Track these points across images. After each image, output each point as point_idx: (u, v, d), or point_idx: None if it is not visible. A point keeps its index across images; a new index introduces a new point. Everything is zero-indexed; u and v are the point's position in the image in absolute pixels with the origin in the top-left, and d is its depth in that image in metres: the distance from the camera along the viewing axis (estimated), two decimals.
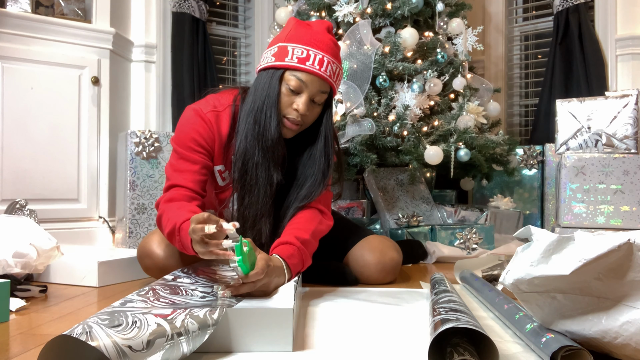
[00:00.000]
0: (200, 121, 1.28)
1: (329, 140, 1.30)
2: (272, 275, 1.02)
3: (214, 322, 0.78)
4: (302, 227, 1.24)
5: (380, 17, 2.36)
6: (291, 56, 1.22)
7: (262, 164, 1.24)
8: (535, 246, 0.77)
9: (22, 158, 2.32)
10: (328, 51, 1.24)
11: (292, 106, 1.23)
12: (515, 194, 2.76)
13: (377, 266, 1.42)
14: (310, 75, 1.21)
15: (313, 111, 1.26)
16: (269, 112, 1.23)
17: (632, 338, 0.70)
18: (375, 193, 2.33)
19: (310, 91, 1.22)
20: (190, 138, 1.28)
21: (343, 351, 0.81)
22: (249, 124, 1.25)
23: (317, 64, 1.22)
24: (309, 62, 1.21)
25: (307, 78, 1.21)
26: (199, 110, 1.29)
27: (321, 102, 1.26)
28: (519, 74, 3.37)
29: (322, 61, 1.22)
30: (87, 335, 0.66)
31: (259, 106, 1.24)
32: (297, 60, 1.21)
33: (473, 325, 0.71)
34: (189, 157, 1.27)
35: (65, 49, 2.47)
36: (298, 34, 1.24)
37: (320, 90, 1.23)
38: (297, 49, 1.22)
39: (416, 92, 2.21)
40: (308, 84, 1.21)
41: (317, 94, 1.24)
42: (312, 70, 1.21)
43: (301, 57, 1.21)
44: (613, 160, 1.85)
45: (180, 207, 1.18)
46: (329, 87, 1.26)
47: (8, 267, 1.24)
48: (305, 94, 1.22)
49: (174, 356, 0.71)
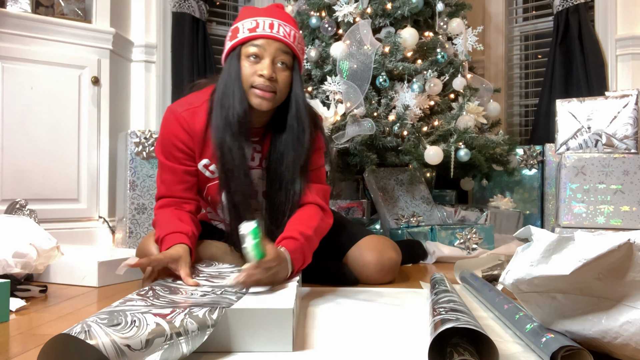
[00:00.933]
0: (175, 124, 1.31)
1: (300, 104, 1.30)
2: (281, 264, 1.05)
3: (214, 322, 0.78)
4: (305, 223, 1.25)
5: (380, 17, 2.36)
6: (242, 31, 1.26)
7: (234, 144, 1.26)
8: (535, 246, 0.77)
9: (22, 158, 2.32)
10: (277, 16, 1.28)
11: (257, 73, 1.24)
12: (515, 194, 2.76)
13: (376, 266, 1.42)
14: (264, 39, 1.24)
15: (281, 75, 1.26)
16: (232, 90, 1.26)
17: (632, 338, 0.70)
18: (375, 193, 2.33)
19: (270, 53, 1.24)
20: (169, 144, 1.32)
21: (343, 351, 0.81)
22: (217, 112, 1.28)
23: (268, 28, 1.25)
24: (260, 29, 1.25)
25: (262, 42, 1.24)
26: (174, 111, 1.33)
27: (286, 63, 1.27)
28: (519, 74, 3.37)
29: (272, 25, 1.26)
30: (85, 334, 0.66)
31: (222, 90, 1.27)
32: (248, 31, 1.25)
33: (473, 325, 0.71)
34: (170, 166, 1.32)
35: (65, 49, 2.47)
36: (245, 13, 1.30)
37: (279, 50, 1.25)
38: (246, 23, 1.27)
39: (416, 92, 2.21)
40: (265, 47, 1.24)
41: (278, 55, 1.25)
42: (263, 34, 1.24)
43: (251, 27, 1.25)
44: (613, 160, 1.85)
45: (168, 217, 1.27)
46: (289, 49, 1.27)
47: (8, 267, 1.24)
48: (266, 58, 1.24)
49: (173, 356, 0.71)
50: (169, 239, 1.20)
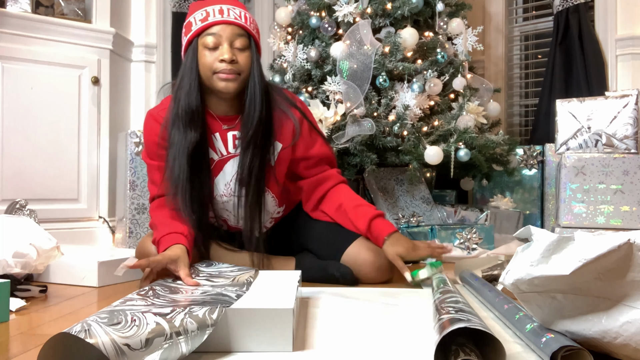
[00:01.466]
0: (155, 124, 1.36)
1: (256, 83, 1.33)
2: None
3: (213, 322, 0.77)
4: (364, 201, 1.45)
5: (380, 17, 2.36)
6: (195, 23, 1.30)
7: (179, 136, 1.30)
8: (535, 246, 0.77)
9: (22, 158, 2.32)
10: (224, 2, 1.31)
11: (218, 59, 1.27)
12: (515, 194, 2.76)
13: (374, 264, 1.42)
14: (216, 26, 1.28)
15: (241, 56, 1.29)
16: (185, 82, 1.29)
17: (632, 338, 0.70)
18: (375, 193, 2.33)
19: (227, 38, 1.28)
20: (152, 143, 1.37)
21: (343, 351, 0.81)
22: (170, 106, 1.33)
23: (219, 14, 1.28)
24: (211, 17, 1.28)
25: (216, 29, 1.28)
26: (153, 113, 1.39)
27: (243, 46, 1.30)
28: (519, 74, 3.37)
29: (222, 10, 1.29)
30: (85, 333, 0.66)
31: (178, 84, 1.31)
32: (200, 22, 1.29)
33: (485, 328, 0.71)
34: (156, 165, 1.37)
35: (65, 49, 2.47)
36: (194, 6, 1.34)
37: (234, 33, 1.28)
38: (197, 15, 1.31)
39: (416, 92, 2.21)
40: (220, 33, 1.27)
41: (235, 39, 1.29)
42: (216, 21, 1.28)
43: (202, 17, 1.29)
44: (613, 160, 1.85)
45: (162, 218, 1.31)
46: (243, 30, 1.30)
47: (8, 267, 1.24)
48: (224, 43, 1.27)
49: (173, 356, 0.71)
50: (165, 240, 1.22)
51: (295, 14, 2.49)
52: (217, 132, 1.39)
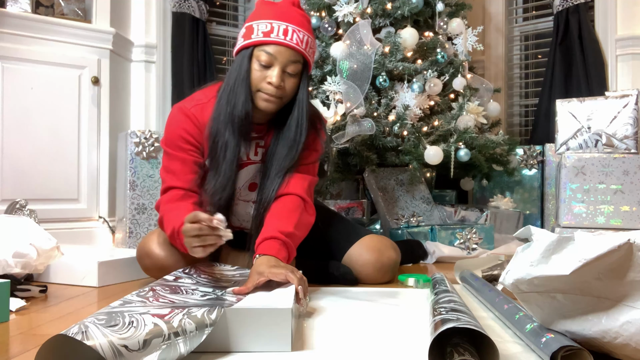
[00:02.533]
0: (185, 118, 1.31)
1: (303, 109, 1.31)
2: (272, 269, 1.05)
3: (212, 322, 0.77)
4: (285, 219, 1.24)
5: (380, 17, 2.36)
6: (256, 32, 1.25)
7: (231, 142, 1.27)
8: (535, 246, 0.77)
9: (22, 158, 2.32)
10: (292, 21, 1.26)
11: (266, 80, 1.24)
12: (515, 194, 2.76)
13: (375, 265, 1.42)
14: (276, 46, 1.23)
15: (289, 82, 1.26)
16: (239, 90, 1.25)
17: (632, 338, 0.69)
18: (375, 193, 2.33)
19: (281, 62, 1.23)
20: (177, 137, 1.31)
21: (342, 351, 0.81)
22: (222, 105, 1.28)
23: (282, 34, 1.23)
24: (274, 34, 1.23)
25: (274, 50, 1.23)
26: (183, 108, 1.33)
27: (295, 72, 1.26)
28: (519, 74, 3.37)
29: (287, 31, 1.24)
30: (83, 334, 0.66)
31: (231, 86, 1.27)
32: (262, 34, 1.24)
33: (473, 326, 0.71)
34: (179, 156, 1.30)
35: (65, 49, 2.46)
36: (261, 11, 1.28)
37: (290, 60, 1.24)
38: (262, 24, 1.25)
39: (416, 92, 2.21)
40: (277, 55, 1.23)
41: (289, 65, 1.25)
42: (277, 41, 1.23)
43: (266, 30, 1.24)
44: (613, 160, 1.85)
45: (177, 208, 1.22)
46: (300, 56, 1.26)
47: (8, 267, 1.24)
48: (276, 66, 1.23)
49: (171, 356, 0.71)
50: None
51: None
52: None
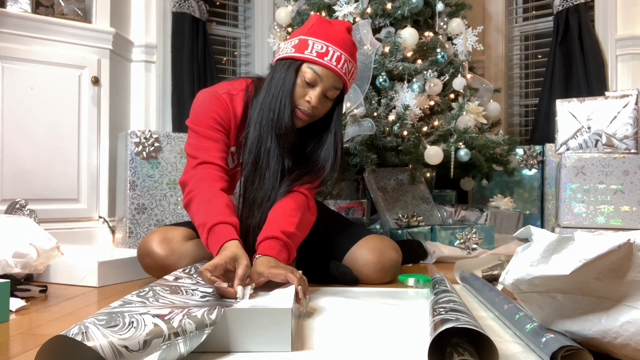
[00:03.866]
0: (217, 101, 1.32)
1: (339, 136, 1.35)
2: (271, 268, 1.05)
3: (212, 322, 0.77)
4: (288, 217, 1.24)
5: (380, 17, 2.36)
6: (311, 49, 1.27)
7: (274, 150, 1.29)
8: (535, 246, 0.77)
9: (22, 158, 2.32)
10: (346, 50, 1.29)
11: (305, 98, 1.27)
12: (515, 194, 2.76)
13: (377, 265, 1.42)
14: (326, 70, 1.26)
15: (325, 105, 1.31)
16: (284, 100, 1.27)
17: (632, 338, 0.69)
18: (375, 193, 2.33)
19: (325, 85, 1.27)
20: (210, 117, 1.30)
21: (342, 351, 0.81)
22: (264, 110, 1.29)
23: (335, 61, 1.26)
24: (327, 58, 1.26)
25: (323, 72, 1.26)
26: (214, 92, 1.34)
27: (333, 97, 1.31)
28: (519, 74, 3.37)
29: (340, 58, 1.27)
30: (83, 335, 0.66)
31: (275, 94, 1.28)
32: (316, 54, 1.26)
33: (473, 325, 0.71)
34: (211, 135, 1.29)
35: (65, 49, 2.47)
36: (320, 29, 1.29)
37: (334, 85, 1.28)
38: (317, 44, 1.27)
39: (416, 92, 2.21)
40: (323, 78, 1.26)
41: (331, 89, 1.28)
42: (329, 65, 1.26)
43: (320, 51, 1.26)
44: (613, 160, 1.85)
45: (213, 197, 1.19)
46: (342, 84, 1.30)
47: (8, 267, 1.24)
48: (319, 88, 1.27)
49: (171, 356, 0.71)
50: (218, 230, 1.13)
51: (295, 14, 2.49)
52: None
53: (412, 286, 1.39)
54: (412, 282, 1.40)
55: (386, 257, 1.44)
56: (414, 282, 1.40)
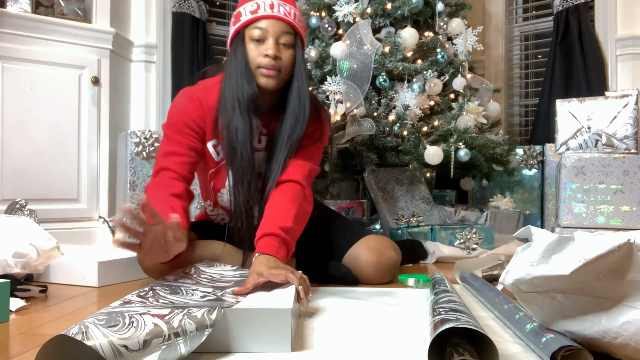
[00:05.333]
0: (189, 102, 1.35)
1: (303, 81, 1.34)
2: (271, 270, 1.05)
3: (212, 323, 0.77)
4: (284, 211, 1.25)
5: (380, 17, 2.36)
6: (244, 14, 1.31)
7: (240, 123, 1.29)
8: (535, 246, 0.77)
9: (22, 158, 2.32)
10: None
11: (262, 54, 1.29)
12: (515, 194, 2.76)
13: (376, 265, 1.42)
14: (266, 20, 1.29)
15: (284, 53, 1.31)
16: (242, 71, 1.30)
17: (632, 338, 0.69)
18: (375, 193, 2.33)
19: (273, 34, 1.29)
20: (178, 120, 1.34)
21: (342, 351, 0.81)
22: (225, 93, 1.32)
23: (269, 8, 1.29)
24: (261, 10, 1.29)
25: (264, 24, 1.29)
26: (188, 91, 1.37)
27: (289, 43, 1.31)
28: (519, 74, 3.37)
29: (273, 5, 1.30)
30: (83, 335, 0.66)
31: (230, 72, 1.32)
32: (250, 14, 1.30)
33: (473, 326, 0.71)
34: (177, 139, 1.33)
35: (65, 49, 2.47)
36: None
37: (282, 30, 1.30)
38: (248, 6, 1.31)
39: (416, 92, 2.21)
40: (268, 28, 1.29)
41: (281, 35, 1.30)
42: (265, 15, 1.29)
43: (253, 9, 1.30)
44: (613, 160, 1.85)
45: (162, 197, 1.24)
46: (290, 28, 1.31)
47: (8, 267, 1.24)
48: (270, 38, 1.29)
49: (171, 357, 0.71)
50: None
51: None
52: None
53: (412, 286, 1.39)
54: (412, 282, 1.40)
55: (385, 257, 1.44)
56: (414, 282, 1.40)
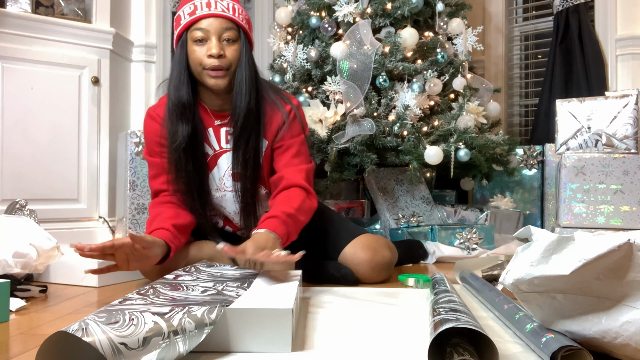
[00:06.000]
0: (151, 121, 1.39)
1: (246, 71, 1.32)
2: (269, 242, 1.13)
3: (212, 322, 0.77)
4: (287, 203, 1.28)
5: (380, 17, 2.36)
6: (183, 17, 1.31)
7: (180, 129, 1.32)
8: (535, 246, 0.77)
9: (22, 158, 2.32)
10: None
11: (207, 54, 1.28)
12: (515, 194, 2.76)
13: (370, 264, 1.42)
14: (204, 20, 1.28)
15: (229, 49, 1.30)
16: (176, 76, 1.32)
17: (632, 338, 0.70)
18: (375, 193, 2.33)
19: (214, 32, 1.28)
20: (150, 141, 1.39)
21: (342, 351, 0.81)
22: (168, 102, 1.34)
23: (206, 7, 1.28)
24: (198, 11, 1.28)
25: (204, 24, 1.28)
26: (150, 112, 1.42)
27: (232, 38, 1.30)
28: (519, 74, 3.37)
29: (209, 3, 1.29)
30: (82, 331, 0.65)
31: (171, 78, 1.34)
32: (188, 16, 1.29)
33: (473, 326, 0.71)
34: (156, 162, 1.38)
35: (65, 49, 2.47)
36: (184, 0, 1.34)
37: (222, 27, 1.29)
38: (186, 8, 1.31)
39: (416, 92, 2.21)
40: (208, 28, 1.28)
41: (223, 32, 1.29)
42: (203, 14, 1.28)
43: (190, 11, 1.30)
44: (613, 160, 1.85)
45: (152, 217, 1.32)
46: (231, 23, 1.30)
47: (8, 267, 1.24)
48: (212, 37, 1.28)
49: (170, 355, 0.71)
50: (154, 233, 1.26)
51: (295, 14, 2.49)
52: (211, 127, 1.40)
53: (412, 286, 1.39)
54: (412, 282, 1.40)
55: (379, 256, 1.44)
56: (414, 282, 1.40)
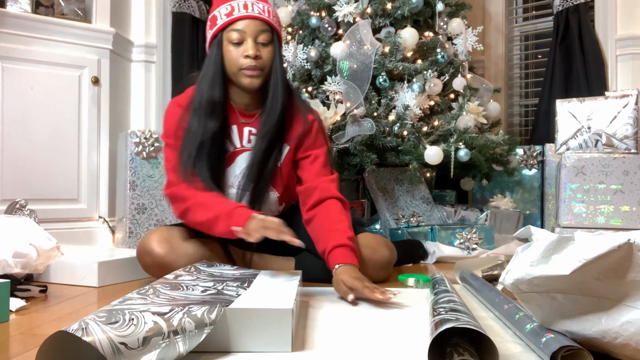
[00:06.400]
0: (177, 108, 1.40)
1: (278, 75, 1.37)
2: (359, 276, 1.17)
3: (212, 322, 0.77)
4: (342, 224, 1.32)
5: (380, 17, 2.36)
6: (220, 17, 1.33)
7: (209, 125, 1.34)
8: (535, 246, 0.77)
9: (22, 158, 2.32)
10: None
11: (243, 55, 1.31)
12: (515, 194, 2.76)
13: (368, 263, 1.42)
14: (242, 21, 1.31)
15: (264, 51, 1.34)
16: (210, 75, 1.34)
17: (632, 338, 0.69)
18: (375, 193, 2.33)
19: (251, 34, 1.31)
20: (177, 127, 1.38)
21: (342, 351, 0.81)
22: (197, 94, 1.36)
23: (243, 9, 1.31)
24: (236, 12, 1.31)
25: (241, 25, 1.31)
26: (175, 101, 1.42)
27: (267, 40, 1.34)
28: (519, 74, 3.37)
29: (246, 5, 1.32)
30: (82, 331, 0.65)
31: (203, 74, 1.36)
32: (225, 17, 1.32)
33: (473, 326, 0.71)
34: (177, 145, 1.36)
35: (65, 49, 2.47)
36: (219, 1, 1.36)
37: (259, 29, 1.32)
38: (222, 9, 1.33)
39: (416, 92, 2.21)
40: (245, 29, 1.31)
41: (259, 34, 1.32)
42: (240, 16, 1.31)
43: (227, 12, 1.32)
44: (613, 160, 1.85)
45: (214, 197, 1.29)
46: (267, 25, 1.34)
47: (8, 267, 1.24)
48: (249, 39, 1.31)
49: (170, 355, 0.71)
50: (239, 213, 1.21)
51: (295, 14, 2.49)
52: (235, 125, 1.42)
53: (412, 286, 1.39)
54: (412, 282, 1.40)
55: (378, 255, 1.44)
56: (414, 282, 1.40)
